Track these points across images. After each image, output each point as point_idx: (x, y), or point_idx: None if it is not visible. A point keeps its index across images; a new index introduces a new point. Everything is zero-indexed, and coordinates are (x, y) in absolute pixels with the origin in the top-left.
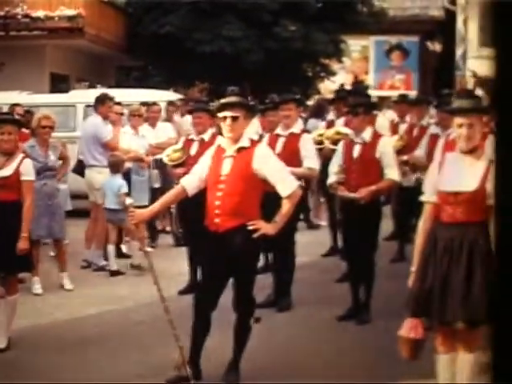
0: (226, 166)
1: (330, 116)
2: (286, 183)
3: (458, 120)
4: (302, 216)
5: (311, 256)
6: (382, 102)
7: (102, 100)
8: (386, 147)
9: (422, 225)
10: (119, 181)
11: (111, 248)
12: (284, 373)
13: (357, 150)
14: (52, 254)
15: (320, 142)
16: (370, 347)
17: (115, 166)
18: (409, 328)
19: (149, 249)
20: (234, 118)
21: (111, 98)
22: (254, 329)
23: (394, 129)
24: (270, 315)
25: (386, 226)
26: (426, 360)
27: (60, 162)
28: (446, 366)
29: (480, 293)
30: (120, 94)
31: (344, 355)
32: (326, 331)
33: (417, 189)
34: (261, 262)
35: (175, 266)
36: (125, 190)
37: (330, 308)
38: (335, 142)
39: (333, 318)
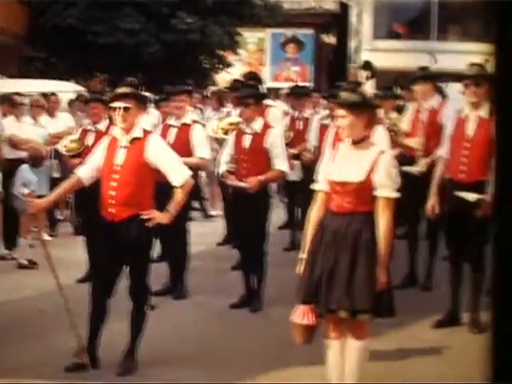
0: (120, 157)
1: (227, 107)
2: (178, 173)
3: (339, 112)
4: (197, 205)
5: (207, 245)
6: (277, 94)
7: None
8: (276, 138)
9: (314, 213)
10: (30, 173)
11: (23, 240)
12: (179, 359)
13: (247, 140)
14: None
15: (215, 133)
16: (263, 334)
17: (36, 159)
18: (301, 314)
19: (47, 237)
20: (126, 109)
21: None
22: (150, 316)
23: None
24: (167, 303)
25: (281, 215)
26: (317, 346)
27: None
28: (335, 352)
29: (362, 283)
30: (22, 85)
31: (237, 342)
32: (220, 318)
33: (303, 182)
34: (157, 251)
35: (75, 254)
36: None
37: (225, 296)
38: (228, 133)
39: (227, 305)
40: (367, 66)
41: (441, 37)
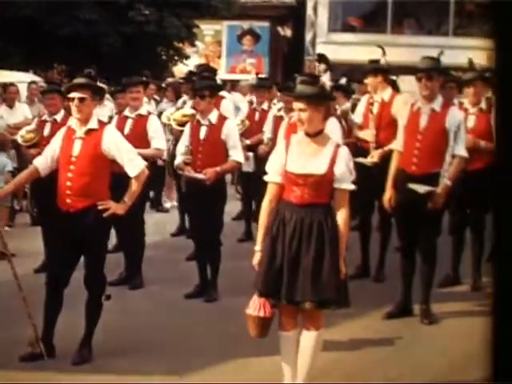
0: (76, 148)
1: (182, 99)
2: (133, 164)
3: (296, 104)
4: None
5: (162, 235)
6: (234, 86)
7: None
8: (231, 129)
9: (267, 205)
10: (4, 159)
11: None
12: (135, 349)
13: (203, 132)
14: None
15: (170, 124)
16: (218, 324)
17: (1, 145)
18: (258, 306)
19: (6, 228)
20: (81, 99)
21: None
22: (106, 306)
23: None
24: (122, 293)
25: (236, 206)
26: (271, 336)
27: None
28: (289, 343)
29: (329, 274)
30: None
31: (192, 331)
32: (174, 308)
33: (256, 173)
34: (113, 241)
35: (32, 244)
36: (9, 168)
37: (180, 286)
38: (183, 124)
39: (182, 295)
40: (322, 58)
41: (396, 30)
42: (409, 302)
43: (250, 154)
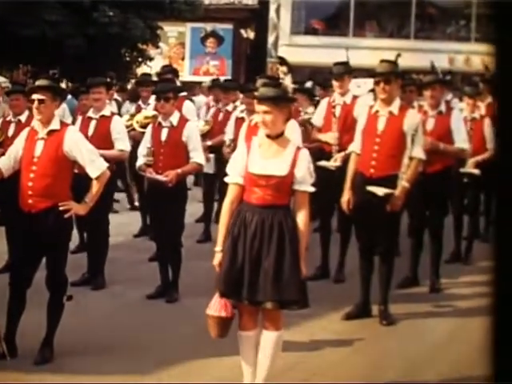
0: (38, 148)
1: (139, 101)
2: (94, 165)
3: (259, 107)
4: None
5: (125, 236)
6: (196, 88)
7: None
8: (192, 131)
9: (228, 206)
10: None
11: None
12: (96, 349)
13: (164, 134)
14: None
15: (130, 126)
16: (179, 324)
17: None
18: (219, 307)
19: None
20: (41, 101)
21: None
22: (69, 306)
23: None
24: (84, 293)
25: (199, 208)
26: (231, 336)
27: None
28: (249, 343)
29: (290, 274)
30: None
31: (153, 332)
32: (136, 309)
33: (218, 175)
34: (76, 242)
35: None
36: None
37: (142, 286)
38: (144, 126)
39: (143, 296)
40: (283, 61)
41: (358, 33)
42: (368, 302)
43: (211, 155)
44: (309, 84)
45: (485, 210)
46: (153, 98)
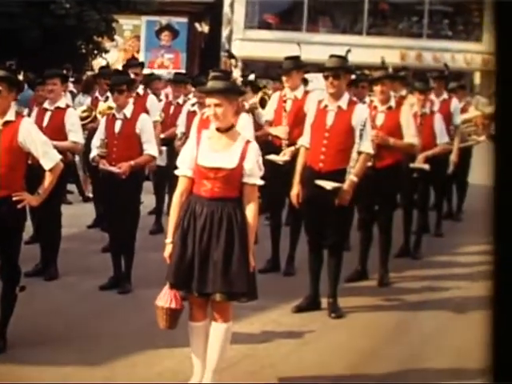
0: None
1: (97, 92)
2: (48, 156)
3: (210, 100)
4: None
5: (79, 227)
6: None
7: None
8: (146, 123)
9: (178, 198)
10: None
11: None
12: (50, 340)
13: (118, 126)
14: None
15: (85, 118)
16: (131, 315)
17: None
18: (168, 298)
19: None
20: None
21: None
22: (21, 297)
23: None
24: (37, 284)
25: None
26: (181, 328)
27: None
28: (198, 334)
29: (239, 266)
30: None
31: (106, 323)
32: (89, 300)
33: (169, 167)
34: (30, 233)
35: None
36: None
37: (94, 277)
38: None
39: (96, 286)
40: (230, 55)
41: (311, 28)
42: (317, 295)
43: (163, 148)
44: (252, 77)
45: (435, 205)
46: None
